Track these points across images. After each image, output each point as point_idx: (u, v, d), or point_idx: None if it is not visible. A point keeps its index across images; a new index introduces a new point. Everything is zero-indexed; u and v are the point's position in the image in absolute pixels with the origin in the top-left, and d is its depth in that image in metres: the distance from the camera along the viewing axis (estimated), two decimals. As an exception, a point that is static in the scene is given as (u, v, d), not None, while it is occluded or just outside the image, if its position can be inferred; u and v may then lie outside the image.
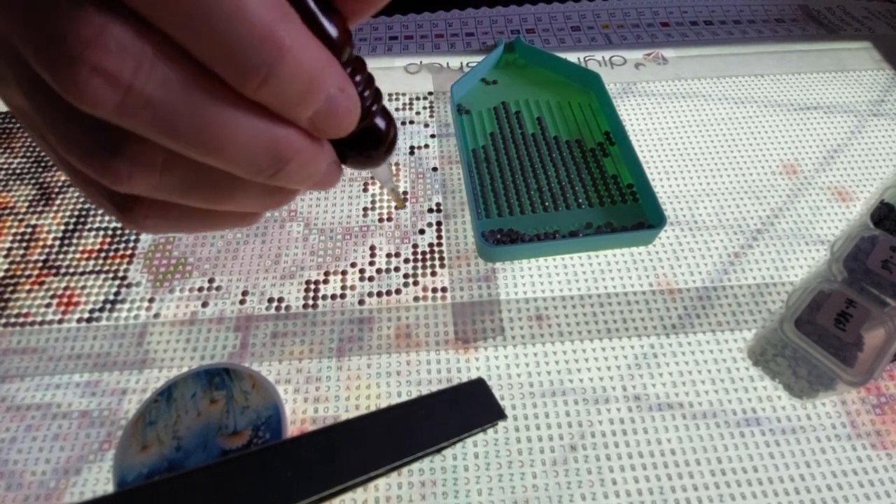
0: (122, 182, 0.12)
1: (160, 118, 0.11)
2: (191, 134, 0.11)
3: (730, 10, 0.50)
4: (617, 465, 0.26)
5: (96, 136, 0.12)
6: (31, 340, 0.30)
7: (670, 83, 0.43)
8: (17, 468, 0.26)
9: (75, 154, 0.12)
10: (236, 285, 0.32)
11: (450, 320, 0.31)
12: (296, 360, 0.30)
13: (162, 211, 0.14)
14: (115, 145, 0.12)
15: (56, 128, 0.12)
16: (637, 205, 0.35)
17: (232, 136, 0.12)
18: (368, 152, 0.15)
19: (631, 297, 0.32)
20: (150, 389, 0.28)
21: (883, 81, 0.43)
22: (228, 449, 0.24)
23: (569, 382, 0.29)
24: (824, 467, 0.26)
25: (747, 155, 0.38)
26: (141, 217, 0.14)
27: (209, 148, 0.12)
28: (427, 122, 0.41)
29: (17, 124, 0.41)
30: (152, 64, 0.11)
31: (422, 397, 0.27)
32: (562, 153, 0.38)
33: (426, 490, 0.25)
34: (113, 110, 0.11)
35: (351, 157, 0.15)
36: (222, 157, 0.12)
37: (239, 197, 0.14)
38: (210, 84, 0.11)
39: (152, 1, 0.10)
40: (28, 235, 0.35)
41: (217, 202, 0.14)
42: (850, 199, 0.36)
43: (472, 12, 0.50)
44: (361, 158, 0.15)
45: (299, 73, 0.11)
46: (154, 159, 0.12)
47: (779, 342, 0.28)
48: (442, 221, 0.35)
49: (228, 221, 0.16)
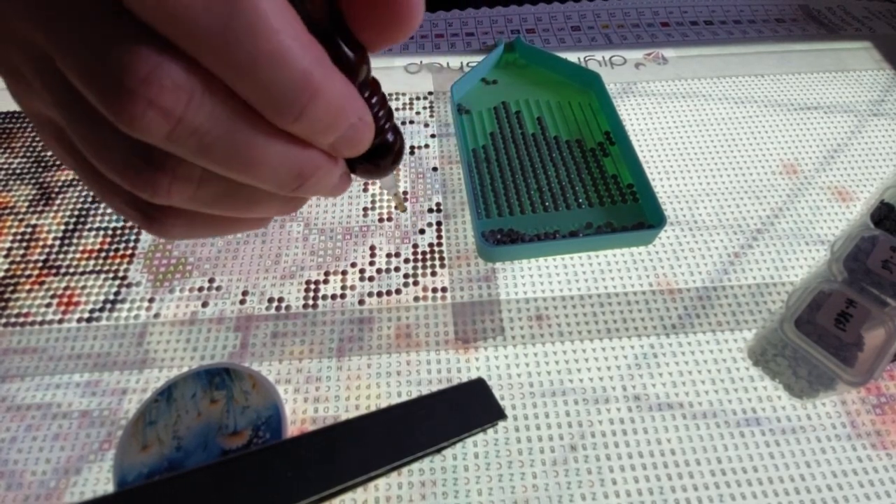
0: (162, 195, 0.13)
1: (203, 144, 0.12)
2: (228, 158, 0.13)
3: (730, 10, 0.50)
4: (617, 465, 0.26)
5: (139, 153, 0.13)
6: (32, 340, 0.30)
7: (670, 83, 0.43)
8: (18, 468, 0.26)
9: (113, 168, 0.13)
10: (236, 285, 0.32)
11: (450, 320, 0.31)
12: (296, 360, 0.30)
13: (188, 219, 0.15)
14: (159, 161, 0.13)
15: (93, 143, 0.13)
16: (637, 205, 0.35)
17: (264, 160, 0.13)
18: (377, 163, 0.16)
19: (631, 297, 0.32)
20: (151, 389, 0.28)
21: (883, 81, 0.43)
22: (228, 449, 0.24)
23: (569, 382, 0.29)
24: (824, 467, 0.26)
25: (747, 155, 0.38)
26: (168, 225, 0.15)
27: (243, 169, 0.13)
28: (427, 122, 0.41)
29: (17, 125, 0.41)
30: (201, 99, 0.12)
31: (422, 397, 0.27)
32: (562, 153, 0.38)
33: (426, 490, 0.25)
34: (163, 138, 0.12)
35: (360, 168, 0.17)
36: (254, 176, 0.13)
37: (261, 206, 0.16)
38: (248, 115, 0.12)
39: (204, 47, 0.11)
40: (28, 235, 0.35)
41: (241, 211, 0.15)
42: (851, 199, 0.36)
43: (472, 12, 0.50)
44: (370, 168, 0.16)
45: (328, 110, 0.13)
46: (192, 174, 0.13)
47: (779, 342, 0.28)
48: (442, 221, 0.35)
49: (246, 226, 0.17)
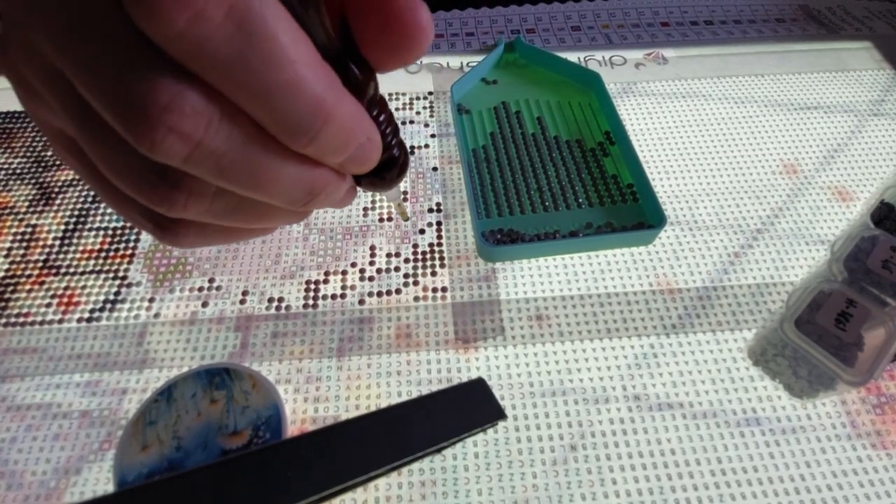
0: (178, 210, 0.14)
1: (220, 166, 0.13)
2: (243, 178, 0.13)
3: (730, 9, 0.50)
4: (617, 465, 0.26)
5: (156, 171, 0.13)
6: (31, 340, 0.30)
7: (670, 83, 0.43)
8: (18, 468, 0.26)
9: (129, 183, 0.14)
10: (236, 285, 0.32)
11: (450, 320, 0.31)
12: (296, 360, 0.30)
13: (200, 229, 0.16)
14: (175, 179, 0.13)
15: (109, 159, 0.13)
16: (637, 205, 0.35)
17: (277, 179, 0.14)
18: (383, 176, 0.17)
19: (631, 297, 0.32)
20: (150, 389, 0.28)
21: (883, 81, 0.43)
22: (228, 449, 0.24)
23: (569, 382, 0.29)
24: (824, 467, 0.26)
25: (747, 155, 0.38)
26: (181, 236, 0.16)
27: (257, 188, 0.14)
28: (427, 122, 0.41)
29: (17, 124, 0.41)
30: (219, 124, 0.12)
31: (422, 397, 0.27)
32: (562, 153, 0.38)
33: (426, 490, 0.25)
34: (181, 160, 0.12)
35: (366, 181, 0.17)
36: (267, 195, 0.14)
37: (271, 218, 0.16)
38: (263, 139, 0.13)
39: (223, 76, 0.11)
40: (28, 235, 0.35)
41: (252, 223, 0.16)
42: (850, 198, 0.36)
43: (472, 12, 0.50)
44: (376, 181, 0.17)
45: (339, 133, 0.13)
46: (207, 190, 0.14)
47: (779, 342, 0.28)
48: (442, 221, 0.35)
49: (253, 234, 0.18)
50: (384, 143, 0.16)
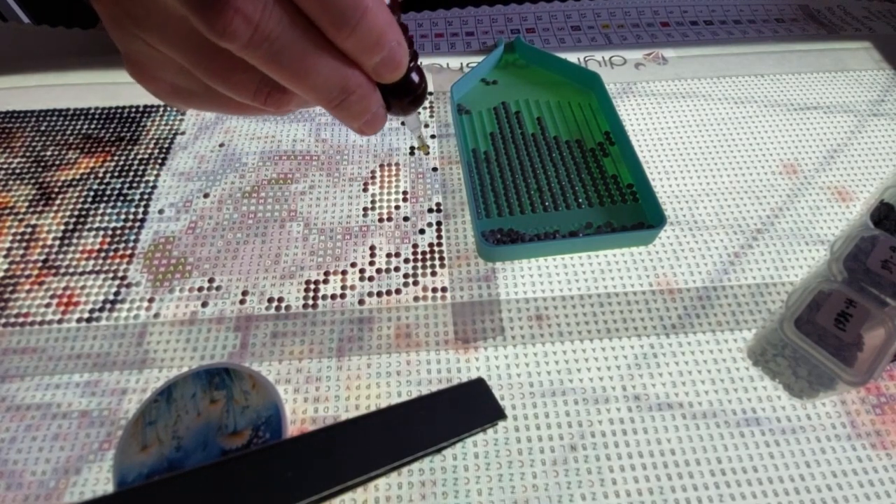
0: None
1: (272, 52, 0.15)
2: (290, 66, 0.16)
3: (730, 9, 0.50)
4: (617, 465, 0.26)
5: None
6: (31, 340, 0.30)
7: (670, 83, 0.43)
8: (17, 468, 0.26)
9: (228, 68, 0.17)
10: (236, 285, 0.32)
11: (450, 320, 0.31)
12: (296, 360, 0.30)
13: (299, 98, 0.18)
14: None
15: (213, 69, 0.17)
16: (637, 205, 0.35)
17: (318, 71, 0.16)
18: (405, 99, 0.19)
19: (631, 297, 0.32)
20: (150, 389, 0.28)
21: (883, 81, 0.43)
22: (228, 449, 0.24)
23: (569, 382, 0.29)
24: (824, 467, 0.26)
25: (747, 155, 0.38)
26: (284, 102, 0.18)
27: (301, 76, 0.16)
28: (427, 122, 0.41)
29: (17, 124, 0.41)
30: (273, 8, 0.14)
31: (422, 397, 0.27)
32: (562, 153, 0.38)
33: (426, 490, 0.25)
34: (244, 44, 0.14)
35: (394, 104, 0.19)
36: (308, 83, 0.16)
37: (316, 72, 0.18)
38: (308, 30, 0.15)
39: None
40: (28, 235, 0.35)
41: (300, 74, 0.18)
42: (850, 199, 0.36)
43: (472, 11, 0.50)
44: (401, 104, 0.19)
45: (375, 28, 0.16)
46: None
47: (779, 342, 0.28)
48: (442, 221, 0.35)
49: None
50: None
